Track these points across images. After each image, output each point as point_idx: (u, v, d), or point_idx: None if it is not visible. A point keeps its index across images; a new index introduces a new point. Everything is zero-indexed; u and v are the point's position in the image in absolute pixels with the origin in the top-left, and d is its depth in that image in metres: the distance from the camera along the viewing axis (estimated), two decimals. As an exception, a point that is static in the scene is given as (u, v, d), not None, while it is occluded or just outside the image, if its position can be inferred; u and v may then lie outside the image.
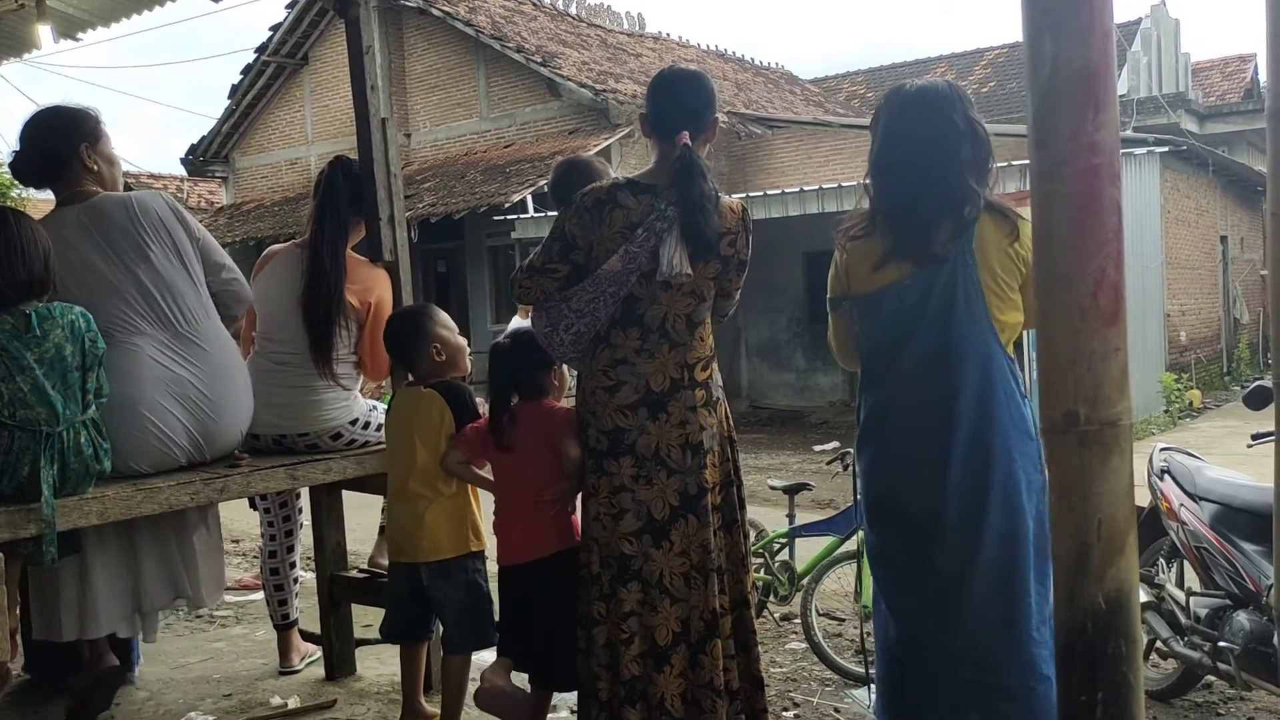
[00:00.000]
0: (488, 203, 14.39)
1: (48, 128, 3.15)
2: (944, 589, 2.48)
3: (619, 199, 2.70)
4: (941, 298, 2.47)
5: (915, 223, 2.50)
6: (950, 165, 2.47)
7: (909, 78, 2.71)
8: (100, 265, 3.00)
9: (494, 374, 2.96)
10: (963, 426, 2.44)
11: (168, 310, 3.04)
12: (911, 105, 2.54)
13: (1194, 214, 15.14)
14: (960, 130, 2.48)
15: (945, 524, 2.46)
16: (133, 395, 2.96)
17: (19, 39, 5.42)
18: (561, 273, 2.75)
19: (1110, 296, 1.35)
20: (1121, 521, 1.38)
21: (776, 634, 4.54)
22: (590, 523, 2.79)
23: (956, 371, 2.45)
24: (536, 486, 2.91)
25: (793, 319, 15.64)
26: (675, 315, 2.72)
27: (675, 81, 2.80)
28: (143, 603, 3.15)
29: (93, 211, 3.05)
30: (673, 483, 2.71)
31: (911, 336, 2.51)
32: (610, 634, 2.73)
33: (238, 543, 6.83)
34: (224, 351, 3.17)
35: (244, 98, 20.23)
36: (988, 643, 2.44)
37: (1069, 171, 1.36)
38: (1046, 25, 1.37)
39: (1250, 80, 23.50)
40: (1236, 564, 3.26)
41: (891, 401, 2.59)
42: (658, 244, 2.64)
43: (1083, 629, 1.38)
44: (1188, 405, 12.88)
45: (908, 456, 2.55)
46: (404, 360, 3.30)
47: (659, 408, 2.71)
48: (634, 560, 2.71)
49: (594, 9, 21.23)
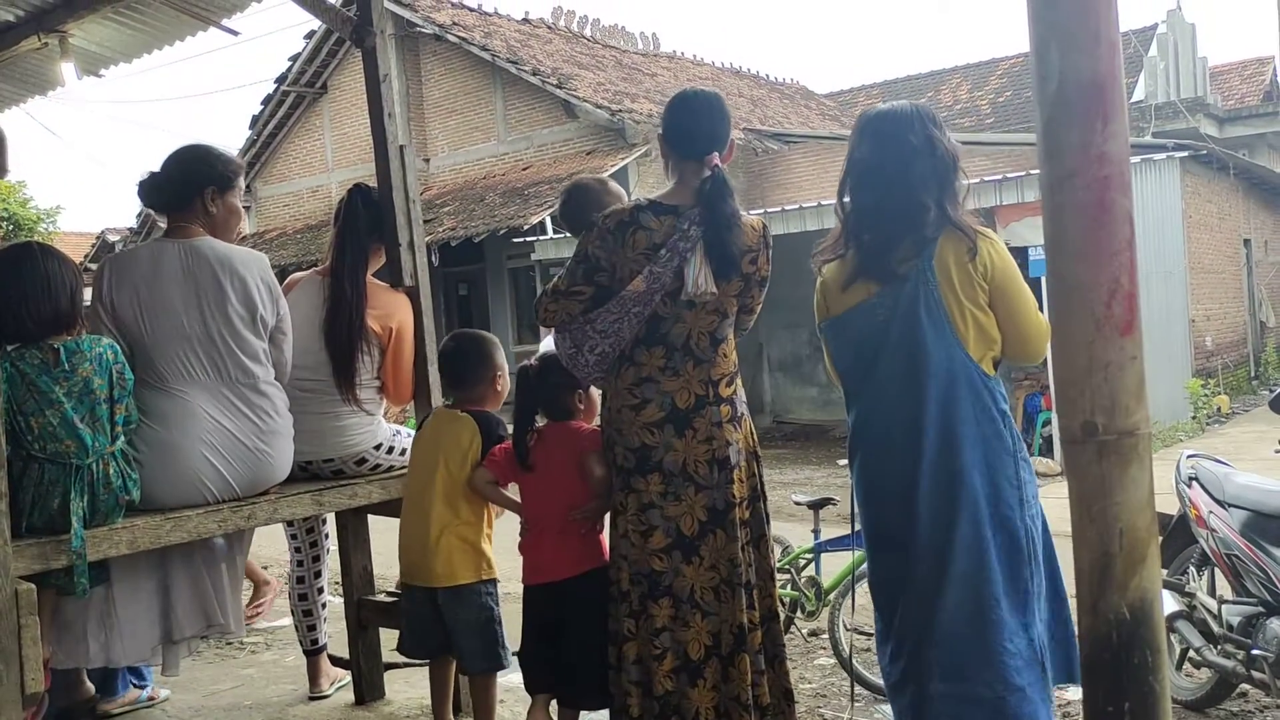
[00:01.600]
0: (507, 225, 14.46)
1: (185, 160, 3.23)
2: (920, 602, 2.50)
3: (641, 220, 2.73)
4: (906, 313, 2.50)
5: (876, 242, 2.56)
6: (905, 182, 2.51)
7: (924, 89, 2.74)
8: (178, 305, 3.03)
9: (520, 396, 3.01)
10: (930, 441, 2.47)
11: (230, 365, 3.07)
12: (870, 127, 2.61)
13: (1216, 218, 15.02)
14: (914, 147, 2.52)
15: (918, 537, 2.49)
16: (175, 442, 2.98)
17: (43, 77, 5.50)
18: (586, 295, 2.78)
19: (1125, 306, 1.35)
20: (1143, 531, 1.38)
21: (804, 649, 4.53)
22: (619, 540, 2.80)
23: (922, 386, 2.48)
24: (563, 505, 2.93)
25: (814, 333, 15.22)
26: (699, 333, 2.75)
27: (695, 102, 2.83)
28: (173, 631, 3.16)
29: (193, 253, 3.09)
30: (700, 498, 2.73)
31: (880, 353, 2.55)
32: (641, 650, 2.75)
33: (267, 568, 6.86)
34: (277, 410, 3.18)
35: (264, 127, 20.44)
36: (958, 653, 2.45)
37: (1079, 182, 1.36)
38: (1053, 38, 1.38)
39: (1269, 82, 23.32)
40: (1268, 571, 3.23)
41: (869, 419, 2.63)
42: (681, 263, 2.68)
43: (1107, 639, 1.37)
44: (1215, 411, 12.75)
45: (885, 472, 2.58)
46: (458, 380, 3.29)
47: (685, 424, 2.73)
48: (664, 576, 2.73)
49: (608, 30, 21.35)
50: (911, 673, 2.52)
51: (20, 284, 2.79)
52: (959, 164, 2.57)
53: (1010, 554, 2.44)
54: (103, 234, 24.15)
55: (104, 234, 24.07)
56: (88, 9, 4.54)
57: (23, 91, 5.82)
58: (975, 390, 2.48)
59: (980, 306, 2.49)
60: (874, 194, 2.57)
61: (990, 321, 2.51)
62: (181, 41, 4.98)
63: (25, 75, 5.50)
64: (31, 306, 2.77)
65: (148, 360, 3.01)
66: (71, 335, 2.84)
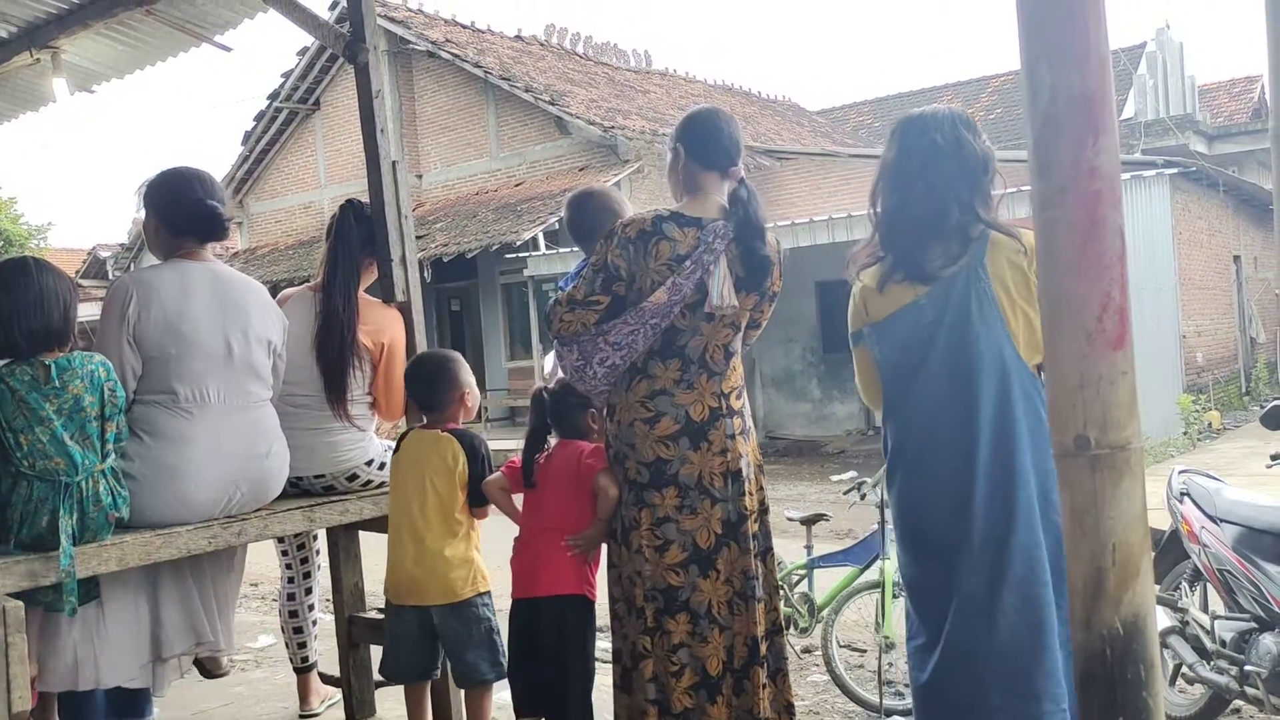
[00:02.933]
0: (500, 241, 14.49)
1: (211, 181, 3.25)
2: (975, 611, 2.45)
3: (665, 231, 2.71)
4: (957, 311, 2.47)
5: (906, 242, 2.53)
6: (928, 182, 2.50)
7: (915, 107, 2.74)
8: (205, 325, 3.03)
9: (534, 417, 3.03)
10: (985, 441, 2.43)
11: (240, 386, 3.08)
12: (899, 130, 2.61)
13: (1206, 234, 15.10)
14: (939, 147, 2.50)
15: (973, 543, 2.44)
16: (176, 464, 2.97)
17: (35, 93, 5.51)
18: (603, 305, 2.74)
19: (1116, 320, 1.36)
20: (1136, 545, 1.37)
21: (798, 666, 4.51)
22: (632, 555, 2.76)
23: (974, 384, 2.44)
24: (562, 520, 2.92)
25: (807, 349, 15.63)
26: (715, 346, 2.75)
27: (717, 118, 2.86)
28: (162, 648, 3.13)
29: (216, 274, 3.13)
30: (716, 511, 2.71)
31: (929, 354, 2.51)
32: (658, 667, 2.72)
33: (256, 585, 6.84)
34: (272, 429, 3.20)
35: (257, 144, 20.47)
36: (1018, 665, 2.41)
37: (1070, 198, 1.36)
38: (1043, 53, 1.38)
39: (1258, 100, 23.50)
40: (1261, 586, 3.23)
41: (914, 422, 2.57)
42: (704, 276, 2.66)
43: (1101, 655, 1.37)
44: (1206, 426, 12.79)
45: (932, 476, 2.53)
46: (428, 403, 3.31)
47: (700, 437, 2.71)
48: (682, 591, 2.71)
49: (601, 47, 21.45)
50: (961, 682, 2.47)
51: (12, 298, 2.76)
52: (992, 167, 2.54)
53: (1056, 558, 2.40)
54: (94, 250, 24.11)
55: (95, 250, 24.03)
56: (80, 25, 4.54)
57: (14, 107, 5.82)
58: (1026, 390, 2.44)
59: (1032, 303, 2.44)
60: (899, 195, 2.55)
61: (1036, 321, 2.46)
62: (174, 58, 4.99)
63: (17, 91, 5.50)
64: (23, 322, 2.74)
65: (165, 379, 2.99)
66: (63, 352, 2.82)
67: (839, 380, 15.31)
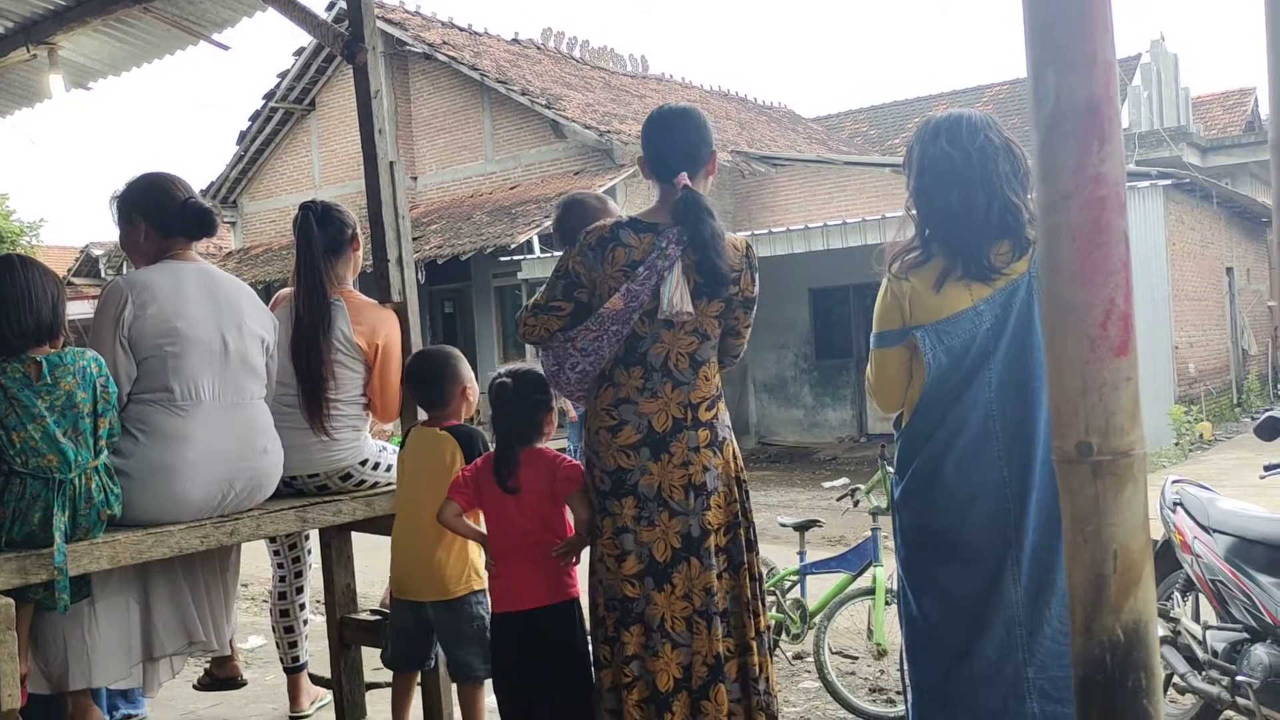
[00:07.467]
0: (494, 244, 14.46)
1: (187, 182, 3.28)
2: (1015, 620, 2.43)
3: (621, 237, 2.71)
4: (1020, 319, 2.45)
5: (971, 239, 2.49)
6: (988, 181, 2.47)
7: (910, 115, 2.74)
8: (201, 323, 3.03)
9: (498, 415, 2.94)
10: (1039, 457, 2.42)
11: (236, 384, 3.09)
12: (945, 129, 2.54)
13: (1199, 246, 15.15)
14: (995, 145, 2.49)
15: (1022, 553, 2.43)
16: (170, 463, 2.95)
17: (31, 89, 5.50)
18: (566, 310, 2.76)
19: (1120, 327, 1.35)
20: (1137, 552, 1.37)
21: (789, 673, 4.50)
22: (595, 564, 2.76)
23: (1034, 393, 2.42)
24: (538, 532, 2.87)
25: (799, 355, 15.64)
26: (678, 354, 2.72)
27: (668, 121, 2.81)
28: (154, 648, 3.11)
29: (207, 274, 3.15)
30: (675, 524, 2.68)
31: (988, 361, 2.47)
32: (614, 678, 2.70)
33: (247, 586, 6.80)
34: (266, 428, 3.19)
35: (252, 143, 20.42)
36: (1059, 672, 2.41)
37: (1075, 204, 1.36)
38: (1049, 59, 1.38)
39: (1251, 113, 23.58)
40: (1253, 597, 3.23)
41: (964, 430, 2.50)
42: (659, 282, 2.64)
43: (1101, 662, 1.36)
44: (1198, 437, 12.81)
45: (982, 486, 2.48)
46: (429, 400, 3.29)
47: (661, 448, 2.69)
48: (636, 603, 2.68)
49: (597, 52, 21.45)
50: (995, 690, 2.44)
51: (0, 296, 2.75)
52: (1029, 166, 2.50)
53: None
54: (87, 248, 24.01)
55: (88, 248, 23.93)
56: (77, 21, 4.53)
57: (9, 103, 5.80)
58: None
59: None
60: (959, 192, 2.48)
61: None
62: (171, 56, 4.98)
63: (13, 86, 5.49)
64: (11, 318, 2.73)
65: (161, 378, 2.97)
66: (54, 348, 2.81)
67: (832, 387, 15.32)
